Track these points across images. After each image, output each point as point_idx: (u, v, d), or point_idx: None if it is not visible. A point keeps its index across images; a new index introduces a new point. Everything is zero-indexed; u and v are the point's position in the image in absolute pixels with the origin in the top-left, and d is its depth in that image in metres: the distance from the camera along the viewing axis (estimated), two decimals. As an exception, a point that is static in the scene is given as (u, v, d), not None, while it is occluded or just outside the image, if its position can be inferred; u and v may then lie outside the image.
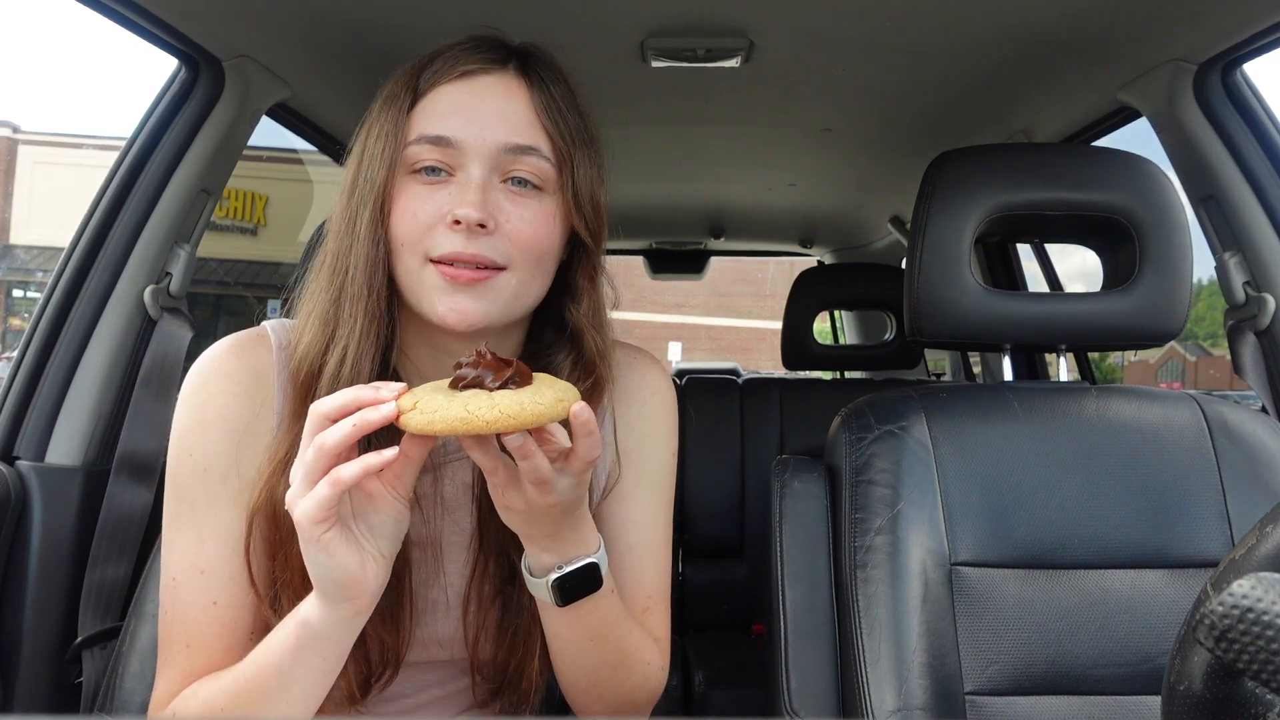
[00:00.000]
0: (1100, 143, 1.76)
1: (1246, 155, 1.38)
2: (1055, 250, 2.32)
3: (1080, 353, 1.86)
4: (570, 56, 0.88)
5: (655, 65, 1.55)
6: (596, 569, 0.79)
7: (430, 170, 0.80)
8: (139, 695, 1.00)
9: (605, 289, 0.91)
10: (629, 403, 0.94)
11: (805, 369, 2.65)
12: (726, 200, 2.97)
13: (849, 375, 2.73)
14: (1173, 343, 2.54)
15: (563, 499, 0.72)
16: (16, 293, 14.90)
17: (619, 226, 0.90)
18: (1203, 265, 1.27)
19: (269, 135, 1.73)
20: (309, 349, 0.81)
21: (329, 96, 1.70)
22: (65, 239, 1.47)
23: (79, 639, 1.32)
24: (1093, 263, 1.29)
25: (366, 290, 0.80)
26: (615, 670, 0.86)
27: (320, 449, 0.66)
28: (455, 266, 0.78)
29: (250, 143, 1.59)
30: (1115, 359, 12.09)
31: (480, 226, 0.77)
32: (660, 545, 0.94)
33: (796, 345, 2.47)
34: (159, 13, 1.29)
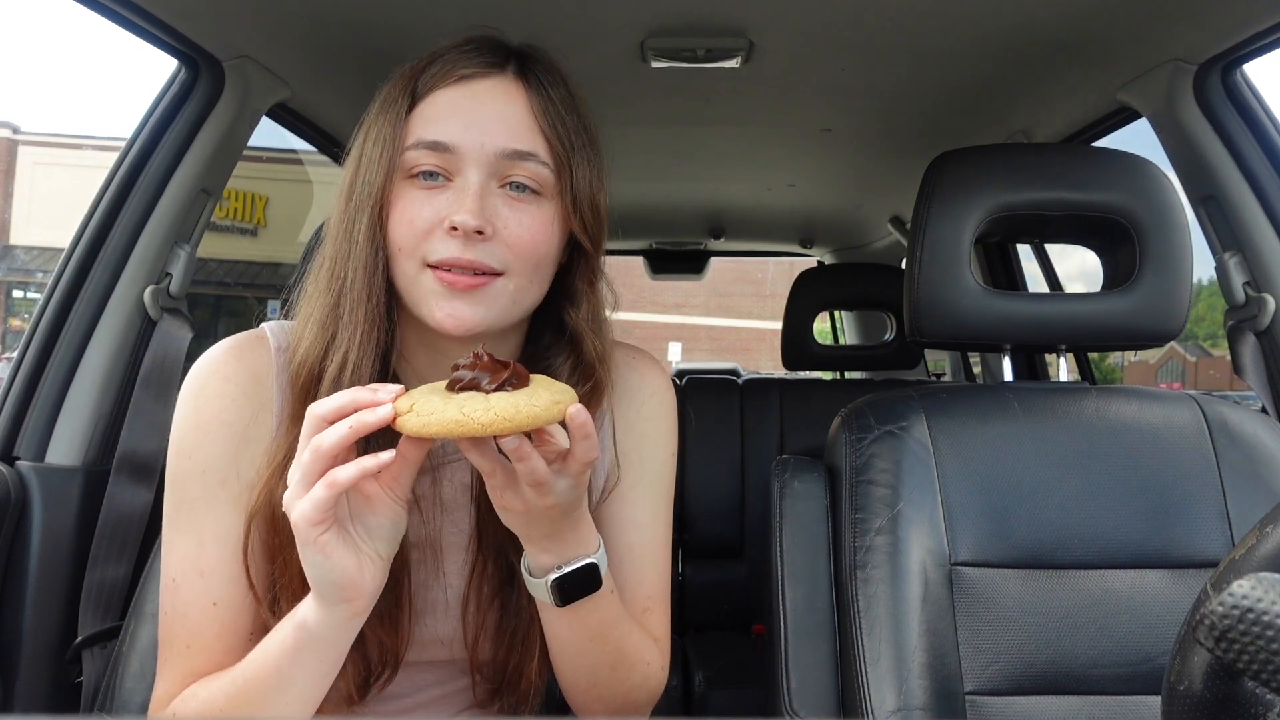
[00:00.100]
0: (1100, 143, 1.76)
1: (1246, 155, 1.38)
2: (1055, 250, 2.32)
3: (1080, 353, 1.86)
4: (570, 57, 0.88)
5: (655, 65, 1.55)
6: (596, 569, 0.79)
7: (428, 175, 0.80)
8: (139, 695, 1.01)
9: (605, 292, 0.91)
10: (628, 403, 0.94)
11: (805, 369, 2.65)
12: (726, 200, 2.97)
13: (849, 375, 2.73)
14: (1173, 343, 2.55)
15: (560, 500, 0.72)
16: (16, 293, 14.90)
17: (619, 227, 0.90)
18: (1203, 265, 1.27)
19: (269, 135, 1.73)
20: (308, 353, 0.81)
21: (329, 97, 1.70)
22: (65, 239, 1.47)
23: (79, 639, 1.32)
24: (1093, 263, 1.29)
25: (366, 295, 0.79)
26: (615, 671, 0.86)
27: (317, 451, 0.66)
28: (452, 272, 0.78)
29: (250, 143, 1.59)
30: (1115, 359, 12.08)
31: (478, 233, 0.77)
32: (660, 545, 0.94)
33: (796, 345, 2.47)
34: (159, 13, 1.29)
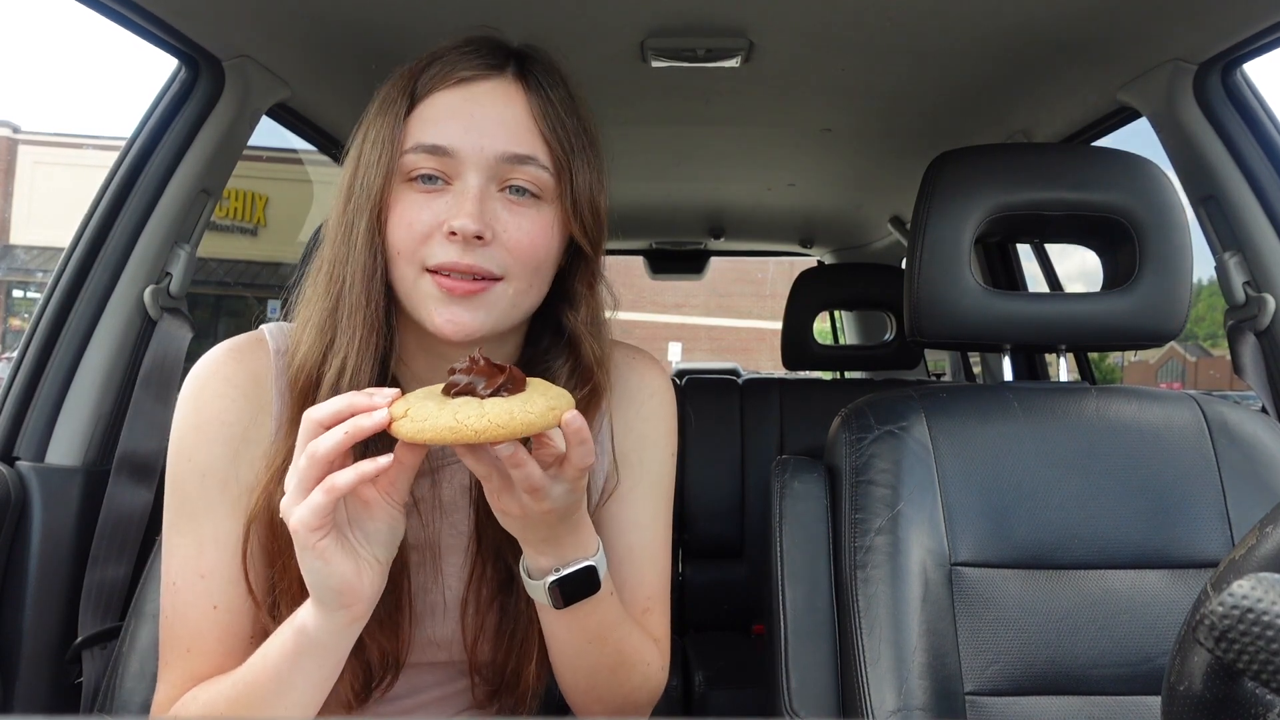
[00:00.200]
0: (1100, 143, 1.76)
1: (1246, 155, 1.38)
2: (1055, 250, 2.32)
3: (1080, 353, 1.86)
4: (570, 57, 0.88)
5: (655, 65, 1.55)
6: (595, 572, 0.78)
7: (427, 179, 0.79)
8: (139, 695, 1.01)
9: (604, 295, 0.91)
10: (628, 403, 0.94)
11: (805, 369, 2.64)
12: (726, 200, 2.96)
13: (849, 375, 2.73)
14: (1173, 343, 2.54)
15: (558, 505, 0.71)
16: (16, 293, 14.89)
17: (619, 227, 0.90)
18: (1203, 265, 1.27)
19: (269, 135, 1.73)
20: (307, 357, 0.80)
21: (329, 97, 1.70)
22: (65, 239, 1.47)
23: (79, 639, 1.32)
24: (1093, 263, 1.29)
25: (365, 299, 0.79)
26: (615, 672, 0.86)
27: (313, 456, 0.65)
28: (451, 278, 0.77)
29: (250, 143, 1.59)
30: (1115, 359, 12.08)
31: (477, 238, 0.76)
32: (660, 546, 0.94)
33: (796, 345, 2.47)
34: (159, 13, 1.29)
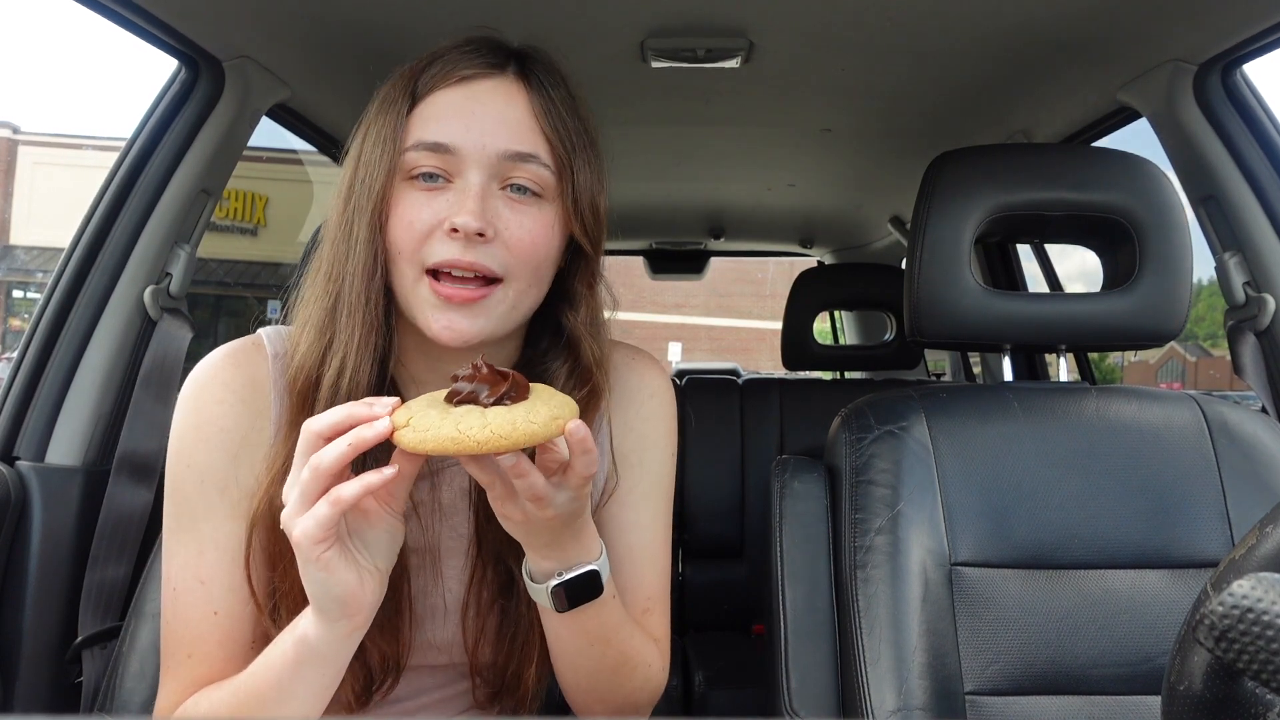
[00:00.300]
0: (1100, 143, 1.76)
1: (1246, 155, 1.38)
2: (1055, 250, 2.32)
3: (1080, 353, 1.86)
4: (570, 57, 0.88)
5: (655, 65, 1.55)
6: (597, 576, 0.78)
7: (428, 177, 0.79)
8: (139, 695, 1.01)
9: (604, 295, 0.91)
10: (627, 404, 0.94)
11: (805, 369, 2.64)
12: (726, 200, 2.96)
13: (849, 375, 2.73)
14: (1173, 343, 2.54)
15: (561, 512, 0.71)
16: (16, 293, 14.89)
17: (619, 227, 0.90)
18: (1203, 265, 1.27)
19: (269, 135, 1.73)
20: (306, 358, 0.80)
21: (329, 97, 1.70)
22: (65, 239, 1.47)
23: (79, 639, 1.32)
24: (1093, 263, 1.29)
25: (364, 299, 0.79)
26: (616, 674, 0.86)
27: (316, 469, 0.65)
28: (451, 282, 0.77)
29: (250, 143, 1.59)
30: (1115, 359, 12.08)
31: (479, 235, 0.76)
32: (660, 546, 0.94)
33: (796, 345, 2.47)
34: (159, 13, 1.29)
